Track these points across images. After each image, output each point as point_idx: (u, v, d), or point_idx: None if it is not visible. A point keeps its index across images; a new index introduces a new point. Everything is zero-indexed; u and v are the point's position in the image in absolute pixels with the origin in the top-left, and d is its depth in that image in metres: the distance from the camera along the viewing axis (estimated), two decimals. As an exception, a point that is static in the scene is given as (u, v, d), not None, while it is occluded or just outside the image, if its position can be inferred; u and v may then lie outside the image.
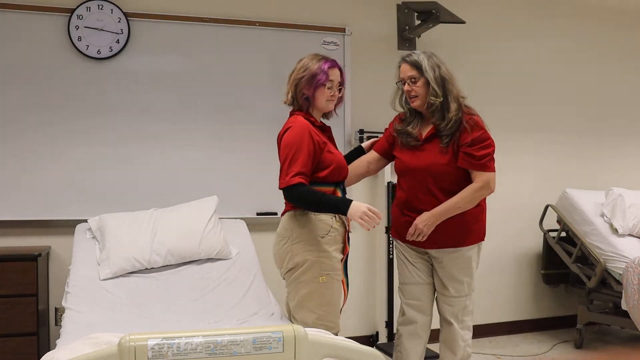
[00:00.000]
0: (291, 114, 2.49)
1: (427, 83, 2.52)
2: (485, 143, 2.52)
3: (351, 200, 2.31)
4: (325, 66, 2.41)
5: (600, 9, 4.49)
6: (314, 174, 2.37)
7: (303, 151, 2.30)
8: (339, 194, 2.46)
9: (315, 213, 2.37)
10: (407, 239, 2.59)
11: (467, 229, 2.59)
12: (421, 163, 2.56)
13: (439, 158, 2.54)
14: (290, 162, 2.30)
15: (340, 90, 2.49)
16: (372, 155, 2.78)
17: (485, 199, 2.66)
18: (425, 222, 2.51)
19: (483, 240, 2.68)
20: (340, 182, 2.49)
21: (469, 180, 2.55)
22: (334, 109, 2.55)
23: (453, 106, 2.52)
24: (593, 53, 4.49)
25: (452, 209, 2.50)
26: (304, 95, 2.42)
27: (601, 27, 4.50)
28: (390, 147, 2.74)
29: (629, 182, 4.48)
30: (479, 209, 2.63)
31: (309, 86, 2.40)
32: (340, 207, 2.30)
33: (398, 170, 2.69)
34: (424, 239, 2.54)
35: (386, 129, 2.78)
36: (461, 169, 2.53)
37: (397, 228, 2.74)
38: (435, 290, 2.74)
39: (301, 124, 2.36)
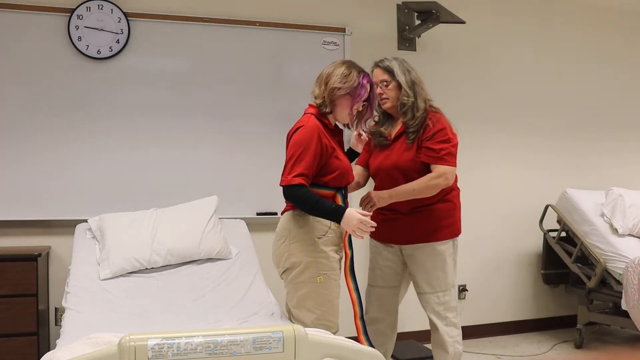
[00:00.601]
0: (306, 112, 2.47)
1: (399, 86, 2.66)
2: (444, 137, 2.63)
3: (345, 209, 2.32)
4: (364, 80, 2.43)
5: (600, 9, 4.49)
6: (317, 177, 2.38)
7: (309, 152, 2.30)
8: (339, 198, 2.46)
9: None
10: (359, 205, 2.72)
11: (439, 224, 2.70)
12: (390, 161, 2.68)
13: (406, 154, 2.66)
14: (295, 162, 2.31)
15: (363, 105, 2.50)
16: (357, 169, 2.87)
17: (458, 195, 2.79)
18: (378, 195, 2.64)
19: (457, 236, 2.78)
20: (342, 187, 2.48)
21: None
22: (364, 123, 2.58)
23: (422, 105, 2.67)
24: (594, 53, 4.49)
25: (407, 192, 2.61)
26: (335, 104, 2.42)
27: (601, 28, 4.50)
28: (370, 156, 2.83)
29: (629, 182, 4.48)
30: (451, 205, 2.73)
31: (346, 97, 2.41)
32: (334, 215, 2.31)
33: (372, 172, 2.81)
34: (371, 210, 2.66)
35: (365, 145, 2.84)
36: (425, 163, 2.64)
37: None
38: (401, 293, 2.88)
39: (312, 125, 2.36)
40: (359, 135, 2.74)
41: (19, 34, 3.25)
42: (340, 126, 2.59)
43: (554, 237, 4.03)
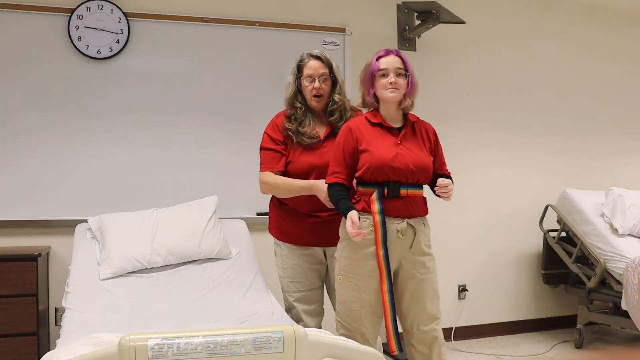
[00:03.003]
0: None
1: (333, 83, 2.59)
2: None
3: (351, 210, 2.28)
4: (376, 56, 2.42)
5: (600, 9, 4.49)
6: (356, 173, 2.40)
7: (337, 150, 2.40)
8: (375, 196, 2.31)
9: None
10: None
11: None
12: (327, 159, 2.49)
13: None
14: (332, 161, 2.42)
15: (406, 76, 2.37)
16: (272, 175, 2.68)
17: None
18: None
19: None
20: (383, 183, 2.33)
21: None
22: (406, 98, 2.39)
23: (348, 107, 2.65)
24: (594, 53, 4.49)
25: None
26: (369, 92, 2.42)
27: (602, 28, 4.50)
28: (289, 157, 2.65)
29: (629, 182, 4.48)
30: None
31: (368, 81, 2.41)
32: (343, 215, 2.35)
33: (301, 170, 2.59)
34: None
35: (272, 145, 2.66)
36: None
37: (301, 233, 2.64)
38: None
39: (348, 122, 2.45)
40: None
41: (19, 34, 3.25)
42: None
43: (554, 237, 4.03)
